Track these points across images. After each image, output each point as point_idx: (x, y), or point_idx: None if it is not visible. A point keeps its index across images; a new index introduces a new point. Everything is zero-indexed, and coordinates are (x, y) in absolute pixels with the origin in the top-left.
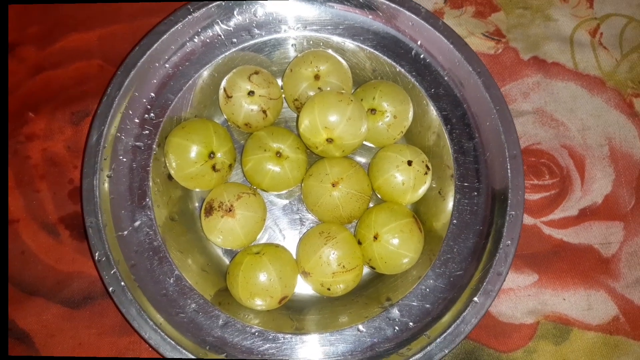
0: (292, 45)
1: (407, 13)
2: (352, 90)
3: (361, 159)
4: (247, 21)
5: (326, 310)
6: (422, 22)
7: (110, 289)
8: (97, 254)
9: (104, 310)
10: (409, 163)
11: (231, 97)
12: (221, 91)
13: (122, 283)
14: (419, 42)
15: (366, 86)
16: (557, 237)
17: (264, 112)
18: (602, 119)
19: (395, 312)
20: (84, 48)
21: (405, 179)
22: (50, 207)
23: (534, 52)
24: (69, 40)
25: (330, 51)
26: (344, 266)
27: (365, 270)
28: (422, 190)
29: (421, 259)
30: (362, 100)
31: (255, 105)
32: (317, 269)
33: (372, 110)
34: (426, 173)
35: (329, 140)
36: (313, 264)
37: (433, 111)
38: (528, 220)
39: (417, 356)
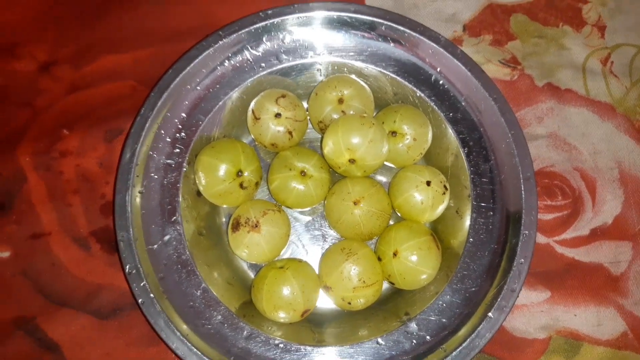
0: (317, 70)
1: (428, 42)
2: (374, 113)
3: (382, 178)
4: (275, 47)
5: (346, 323)
6: (442, 50)
7: (140, 300)
8: (127, 266)
9: (132, 321)
10: (428, 183)
11: (259, 118)
12: (250, 113)
13: (151, 295)
14: (438, 69)
15: (387, 110)
16: (569, 256)
17: (290, 133)
18: (613, 144)
19: (413, 326)
20: (118, 69)
21: (424, 199)
22: (82, 221)
23: (548, 79)
24: (104, 61)
25: (353, 76)
26: (364, 281)
27: (385, 285)
28: (440, 209)
29: (439, 275)
30: (383, 123)
31: (282, 126)
32: (339, 284)
33: (393, 133)
34: (444, 193)
35: (352, 161)
36: (334, 278)
37: (451, 134)
38: (541, 239)
39: None
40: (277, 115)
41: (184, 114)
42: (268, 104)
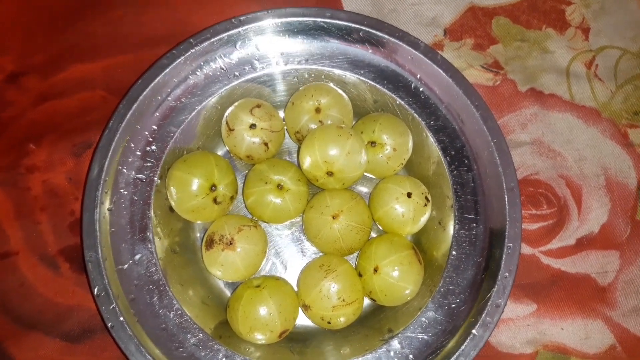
0: (294, 77)
1: (407, 47)
2: (353, 122)
3: (363, 189)
4: (250, 54)
5: (327, 342)
6: (422, 56)
7: (109, 324)
8: (96, 288)
9: (103, 344)
10: (409, 195)
11: (233, 130)
12: (223, 124)
13: (121, 318)
14: (418, 76)
15: (366, 119)
16: (555, 267)
17: (266, 144)
18: (598, 150)
19: (395, 344)
20: (88, 78)
21: (405, 211)
22: (50, 239)
23: (531, 83)
24: (73, 70)
25: (331, 84)
26: (344, 300)
27: (367, 301)
28: (422, 221)
29: (422, 290)
30: (362, 133)
31: (257, 137)
32: (317, 303)
33: (372, 143)
34: (426, 205)
35: (329, 174)
36: (313, 297)
37: (432, 143)
38: (526, 249)
39: None
40: (252, 125)
41: (154, 126)
42: (242, 115)
